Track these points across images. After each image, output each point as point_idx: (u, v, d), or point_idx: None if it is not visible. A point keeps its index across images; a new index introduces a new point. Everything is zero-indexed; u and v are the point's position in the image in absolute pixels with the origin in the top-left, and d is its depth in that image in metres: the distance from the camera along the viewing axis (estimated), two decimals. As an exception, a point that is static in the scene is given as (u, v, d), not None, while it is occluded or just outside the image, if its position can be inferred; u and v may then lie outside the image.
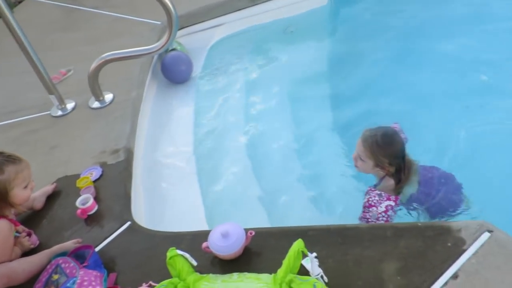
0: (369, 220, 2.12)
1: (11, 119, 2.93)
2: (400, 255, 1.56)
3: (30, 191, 1.87)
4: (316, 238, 1.70)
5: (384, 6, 4.01)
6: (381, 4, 4.06)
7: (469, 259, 1.49)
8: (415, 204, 2.15)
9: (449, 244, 1.55)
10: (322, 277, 1.54)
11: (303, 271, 1.58)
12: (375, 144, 2.07)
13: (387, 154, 2.07)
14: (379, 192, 2.12)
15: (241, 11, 3.94)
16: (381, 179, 2.19)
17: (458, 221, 1.65)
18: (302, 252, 1.54)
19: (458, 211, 2.14)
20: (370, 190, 2.15)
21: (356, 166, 2.22)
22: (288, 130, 2.96)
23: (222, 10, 3.88)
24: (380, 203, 2.10)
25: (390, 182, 2.14)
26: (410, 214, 2.16)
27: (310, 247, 1.61)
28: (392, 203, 2.09)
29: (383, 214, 2.08)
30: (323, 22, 4.03)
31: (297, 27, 3.94)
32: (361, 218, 2.16)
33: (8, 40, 3.62)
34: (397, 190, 2.13)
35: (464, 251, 1.52)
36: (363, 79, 3.34)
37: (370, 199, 2.12)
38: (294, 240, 1.56)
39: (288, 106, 3.14)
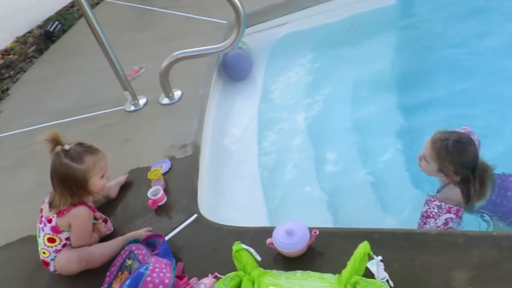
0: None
1: (90, 113, 3.14)
2: (472, 264, 1.50)
3: (106, 180, 1.98)
4: (382, 241, 1.67)
5: (456, 6, 3.81)
6: (452, 4, 3.86)
7: (551, 273, 1.40)
8: (483, 212, 2.01)
9: (528, 256, 1.46)
10: (387, 281, 1.52)
11: (368, 274, 1.56)
12: (444, 148, 1.92)
13: (455, 161, 1.91)
14: (438, 203, 1.97)
15: (306, 9, 3.92)
16: (445, 185, 2.06)
17: (539, 233, 1.55)
18: (368, 254, 1.52)
19: None
20: (430, 200, 2.01)
21: (419, 165, 2.09)
22: (352, 130, 2.91)
23: (287, 9, 3.88)
24: (439, 215, 1.95)
25: (455, 191, 1.97)
26: (482, 219, 2.04)
27: (375, 250, 1.59)
28: (453, 216, 1.93)
29: (443, 227, 1.94)
30: (390, 22, 3.89)
31: (361, 26, 3.85)
32: (419, 228, 2.03)
33: (86, 40, 3.91)
34: (466, 205, 1.96)
35: (545, 264, 1.43)
36: (431, 81, 3.20)
37: (429, 210, 1.99)
38: (359, 242, 1.55)
39: (352, 106, 3.09)
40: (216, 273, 1.71)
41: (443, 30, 3.66)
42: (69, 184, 1.81)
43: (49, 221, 1.85)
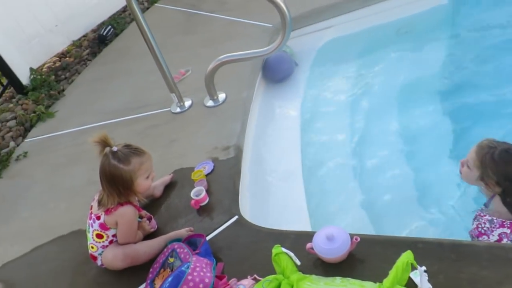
0: None
1: (137, 114, 3.26)
2: (524, 280, 1.42)
3: (151, 181, 2.04)
4: (426, 251, 1.62)
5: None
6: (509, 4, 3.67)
7: None
8: None
9: None
10: (431, 293, 1.46)
11: (411, 285, 1.51)
12: (490, 156, 1.84)
13: (499, 171, 1.83)
14: (489, 218, 1.86)
15: (352, 12, 3.87)
16: (491, 198, 1.94)
17: None
18: (411, 264, 1.48)
19: None
20: (479, 215, 1.91)
21: (460, 172, 2.01)
22: (397, 135, 2.85)
23: (333, 12, 3.85)
24: (492, 231, 1.84)
25: (498, 198, 1.87)
26: None
27: (419, 260, 1.53)
28: (507, 231, 1.82)
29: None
30: (441, 23, 3.76)
31: (411, 28, 3.74)
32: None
33: (136, 43, 4.06)
34: None
35: None
36: (484, 87, 3.06)
37: (480, 226, 1.88)
38: (402, 251, 1.51)
39: (399, 111, 3.02)
40: (256, 275, 1.72)
41: (499, 31, 3.49)
42: (116, 184, 1.88)
43: (98, 218, 1.94)
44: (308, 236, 1.78)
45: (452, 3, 3.80)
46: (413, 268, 1.52)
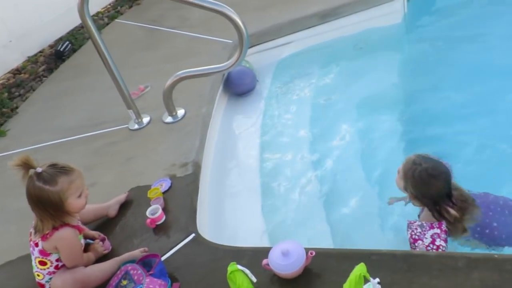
0: None
1: (95, 131, 3.17)
2: (472, 287, 1.45)
3: (85, 199, 1.91)
4: (380, 263, 1.64)
5: (464, 26, 3.81)
6: (460, 24, 3.86)
7: (554, 299, 1.35)
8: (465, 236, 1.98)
9: (530, 281, 1.41)
10: (384, 305, 1.48)
11: (365, 297, 1.52)
12: (411, 173, 1.93)
13: (417, 189, 1.93)
14: (419, 223, 1.93)
15: (311, 28, 3.95)
16: (422, 209, 2.05)
17: (542, 256, 1.50)
18: (364, 277, 1.48)
19: None
20: (410, 223, 1.97)
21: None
22: (355, 147, 2.89)
23: (292, 28, 3.92)
24: (424, 234, 1.90)
25: (431, 217, 1.96)
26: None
27: (373, 272, 1.55)
28: (438, 231, 1.89)
29: (431, 245, 1.87)
30: (396, 40, 3.90)
31: (367, 44, 3.86)
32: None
33: (95, 59, 3.98)
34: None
35: (548, 290, 1.37)
36: (436, 101, 3.18)
37: (413, 233, 1.93)
38: (356, 263, 1.52)
39: (356, 124, 3.08)
40: (211, 294, 1.69)
41: (449, 47, 3.66)
42: (45, 207, 1.77)
43: (36, 244, 1.85)
44: (265, 252, 1.76)
45: (404, 22, 3.95)
46: (367, 280, 1.53)
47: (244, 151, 2.91)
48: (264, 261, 1.70)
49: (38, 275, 1.91)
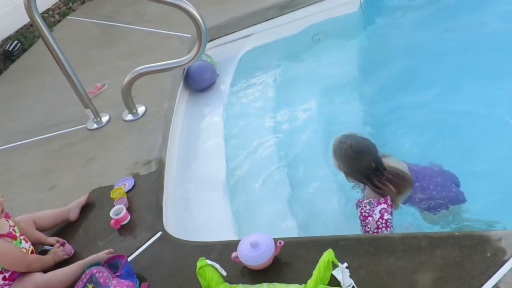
0: (370, 231, 2.03)
1: (51, 133, 3.05)
2: (435, 265, 1.51)
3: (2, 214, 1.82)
4: (347, 248, 1.67)
5: (420, 10, 3.92)
6: (416, 9, 3.97)
7: (511, 269, 1.41)
8: (408, 204, 2.12)
9: (488, 254, 1.47)
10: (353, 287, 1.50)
11: (334, 282, 1.54)
12: (339, 152, 2.06)
13: (348, 166, 2.06)
14: (367, 201, 2.04)
15: (270, 21, 3.95)
16: (363, 188, 2.16)
17: (498, 230, 1.58)
18: (333, 262, 1.51)
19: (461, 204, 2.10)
20: (359, 202, 2.06)
21: None
22: (317, 137, 2.92)
23: (251, 21, 3.91)
24: (373, 210, 2.01)
25: (373, 193, 2.06)
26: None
27: (341, 257, 1.58)
28: (385, 206, 2.01)
29: (381, 220, 1.99)
30: (352, 29, 3.97)
31: (325, 35, 3.91)
32: (363, 232, 2.08)
33: (47, 58, 3.81)
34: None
35: (505, 261, 1.44)
36: (391, 88, 3.27)
37: (363, 211, 2.03)
38: (324, 250, 1.54)
39: (316, 114, 3.11)
40: (181, 292, 1.66)
41: (406, 33, 3.76)
42: None
43: None
44: (234, 245, 1.75)
45: (360, 11, 4.02)
46: (336, 266, 1.55)
47: (208, 145, 2.87)
48: (234, 254, 1.69)
49: None
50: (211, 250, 1.83)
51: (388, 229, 2.00)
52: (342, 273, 1.53)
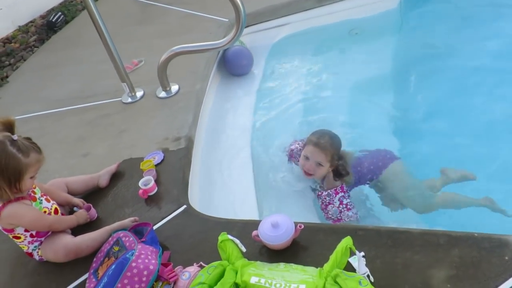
0: (333, 217, 2.23)
1: (87, 103, 3.17)
2: (452, 263, 1.53)
3: (32, 183, 1.86)
4: (365, 238, 1.70)
5: (461, 11, 3.84)
6: (457, 9, 3.89)
7: (528, 275, 1.42)
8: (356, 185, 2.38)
9: (506, 258, 1.48)
10: (368, 276, 1.54)
11: (350, 269, 1.58)
12: (330, 145, 2.26)
13: (337, 150, 2.30)
14: (326, 193, 2.28)
15: (307, 11, 3.96)
16: (322, 180, 2.34)
17: (519, 235, 1.58)
18: (350, 249, 1.55)
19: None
20: (319, 194, 2.30)
21: (311, 175, 2.32)
22: (348, 132, 2.94)
23: (289, 10, 3.93)
24: (333, 199, 2.25)
25: (330, 176, 2.31)
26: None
27: (358, 246, 1.61)
28: (342, 193, 2.27)
29: (342, 206, 2.23)
30: (391, 25, 3.94)
31: (362, 29, 3.89)
32: (327, 219, 2.27)
33: (87, 31, 3.95)
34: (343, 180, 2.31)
35: (523, 266, 1.45)
36: (428, 86, 3.24)
37: (323, 201, 2.28)
38: (343, 237, 1.58)
39: (348, 107, 3.12)
40: (201, 262, 1.73)
41: (443, 35, 3.70)
42: (7, 174, 1.71)
43: None
44: (254, 224, 1.81)
45: (400, 7, 3.98)
46: (353, 254, 1.59)
47: (236, 128, 2.93)
48: (254, 233, 1.75)
49: (22, 247, 1.94)
50: (232, 227, 1.89)
51: (350, 210, 2.22)
52: (358, 260, 1.57)
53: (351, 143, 2.58)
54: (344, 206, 2.24)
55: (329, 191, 2.28)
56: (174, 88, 3.02)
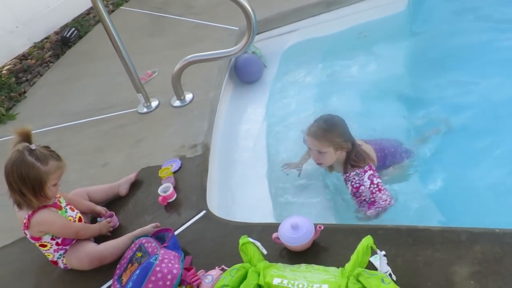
0: (366, 200, 2.15)
1: (104, 115, 3.23)
2: (474, 259, 1.53)
3: (56, 190, 1.90)
4: (386, 237, 1.71)
5: (470, 12, 3.84)
6: (466, 11, 3.89)
7: (552, 269, 1.42)
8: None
9: (529, 252, 1.48)
10: (390, 275, 1.55)
11: (371, 269, 1.58)
12: (325, 131, 2.19)
13: (339, 133, 2.20)
14: (354, 172, 2.18)
15: (315, 17, 3.99)
16: (345, 164, 2.24)
17: (541, 230, 1.57)
18: (371, 248, 1.55)
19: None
20: (347, 176, 2.20)
21: (320, 163, 2.30)
22: (356, 134, 2.94)
23: (298, 16, 3.96)
24: (362, 179, 2.15)
25: (346, 161, 2.23)
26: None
27: (379, 245, 1.62)
28: (371, 171, 2.17)
29: (372, 185, 2.15)
30: (399, 28, 3.94)
31: (371, 32, 3.90)
32: (360, 206, 2.20)
33: (101, 45, 4.04)
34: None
35: (547, 261, 1.44)
36: (437, 87, 3.23)
37: (353, 183, 2.18)
38: (363, 237, 1.59)
39: (357, 110, 3.13)
40: (223, 266, 1.76)
41: (454, 35, 3.70)
42: (27, 184, 1.76)
43: (25, 234, 1.91)
44: (273, 227, 1.83)
45: (408, 10, 3.99)
46: (373, 253, 1.60)
47: (250, 134, 2.96)
48: (274, 235, 1.77)
49: (48, 255, 1.99)
50: (251, 230, 1.91)
51: (382, 192, 2.14)
52: (380, 260, 1.58)
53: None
54: (375, 186, 2.15)
55: (356, 170, 2.17)
56: (188, 96, 3.07)
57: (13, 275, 2.14)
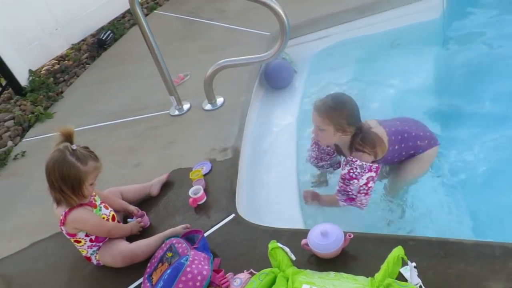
0: (349, 193, 2.08)
1: (137, 116, 3.31)
2: (509, 275, 1.49)
3: (93, 189, 1.97)
4: (417, 248, 1.69)
5: (506, 22, 3.74)
6: (502, 20, 3.79)
7: None
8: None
9: None
10: (420, 287, 1.53)
11: (401, 280, 1.57)
12: (329, 108, 2.06)
13: (344, 114, 2.06)
14: (360, 163, 2.07)
15: (348, 23, 3.98)
16: (350, 147, 2.13)
17: None
18: (402, 259, 1.54)
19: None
20: (352, 160, 2.09)
21: (318, 140, 2.21)
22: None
23: (330, 23, 3.96)
24: (362, 175, 2.07)
25: (349, 147, 2.13)
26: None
27: (409, 257, 1.61)
28: (373, 174, 2.08)
29: (364, 186, 2.08)
30: (434, 36, 3.88)
31: (405, 40, 3.85)
32: (340, 191, 2.14)
33: (135, 48, 4.15)
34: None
35: None
36: (473, 98, 3.16)
37: (351, 171, 2.08)
38: (393, 248, 1.58)
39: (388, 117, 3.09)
40: (252, 270, 1.78)
41: (489, 44, 3.61)
42: (67, 183, 1.83)
43: (61, 229, 1.98)
44: (302, 233, 1.84)
45: (443, 18, 3.92)
46: (404, 264, 1.58)
47: (280, 140, 2.98)
48: (303, 241, 1.78)
49: (82, 251, 2.06)
50: (280, 235, 1.92)
51: (366, 196, 2.10)
52: (410, 271, 1.56)
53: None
54: (366, 188, 2.09)
55: (363, 163, 2.07)
56: (219, 100, 3.11)
57: (49, 269, 2.23)
